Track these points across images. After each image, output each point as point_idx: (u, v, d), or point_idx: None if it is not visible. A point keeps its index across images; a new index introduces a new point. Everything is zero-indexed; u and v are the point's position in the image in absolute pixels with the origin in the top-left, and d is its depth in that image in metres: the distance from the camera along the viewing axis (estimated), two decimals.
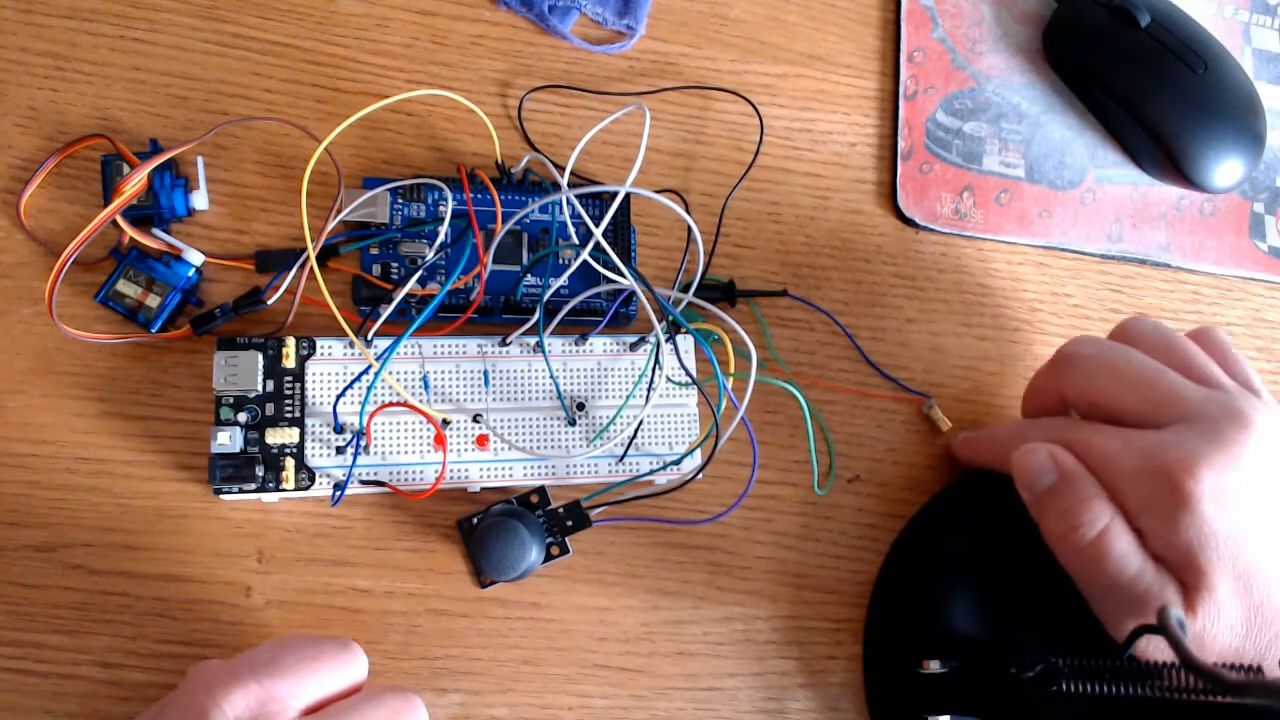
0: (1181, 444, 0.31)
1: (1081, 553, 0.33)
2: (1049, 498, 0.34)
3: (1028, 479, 0.34)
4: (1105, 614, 0.34)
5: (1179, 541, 0.31)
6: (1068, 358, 0.37)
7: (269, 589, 0.36)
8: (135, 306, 0.36)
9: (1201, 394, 0.33)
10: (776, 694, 0.39)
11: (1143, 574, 0.32)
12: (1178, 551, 0.31)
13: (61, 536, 0.35)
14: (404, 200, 0.39)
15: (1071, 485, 0.33)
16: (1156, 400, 0.33)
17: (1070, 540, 0.33)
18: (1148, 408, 0.33)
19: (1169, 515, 0.31)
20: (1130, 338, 0.36)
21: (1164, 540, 0.32)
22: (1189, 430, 0.32)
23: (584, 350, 0.38)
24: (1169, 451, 0.31)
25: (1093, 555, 0.32)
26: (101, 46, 0.39)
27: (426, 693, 0.36)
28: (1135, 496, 0.32)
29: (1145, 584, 0.32)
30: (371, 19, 0.41)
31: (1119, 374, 0.35)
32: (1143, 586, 0.32)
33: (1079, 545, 0.33)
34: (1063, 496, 0.33)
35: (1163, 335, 0.36)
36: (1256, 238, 0.48)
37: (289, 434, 0.35)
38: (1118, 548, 0.32)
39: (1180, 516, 0.31)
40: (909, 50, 0.46)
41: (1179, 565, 0.32)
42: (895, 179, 0.44)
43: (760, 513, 0.40)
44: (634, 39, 0.43)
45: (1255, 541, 0.31)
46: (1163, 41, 0.45)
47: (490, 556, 0.34)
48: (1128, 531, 0.32)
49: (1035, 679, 0.31)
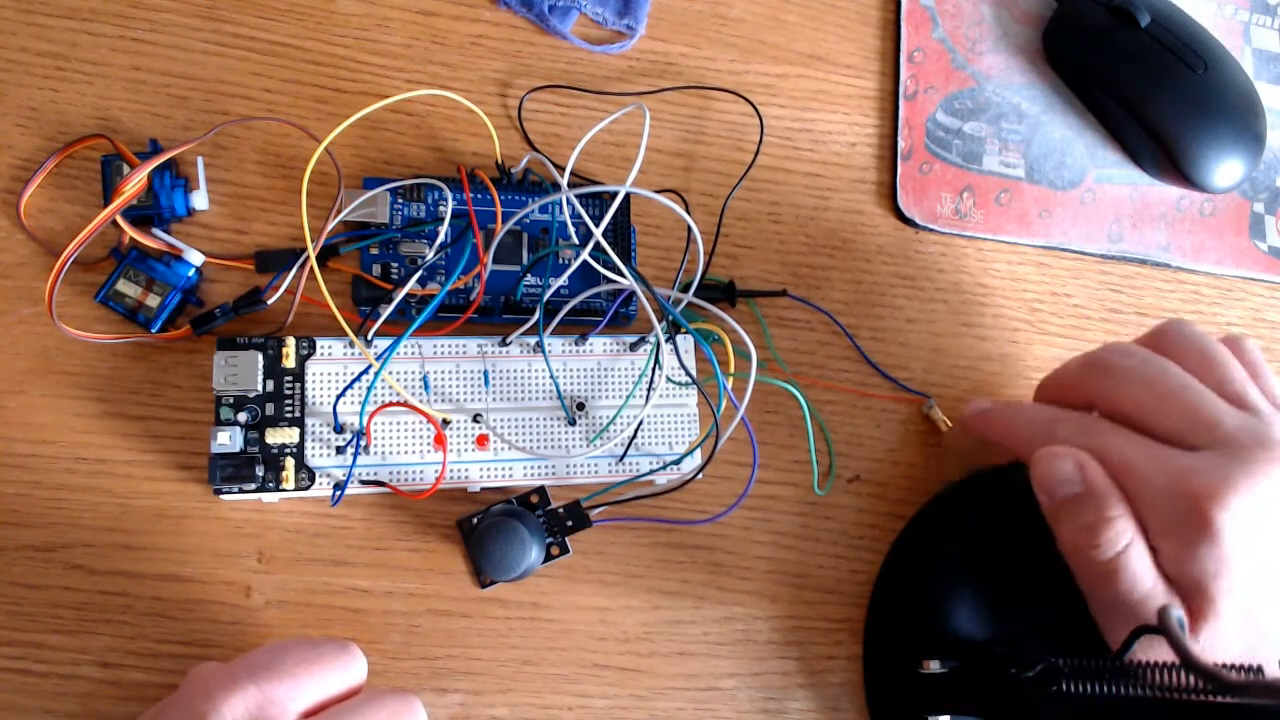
0: (1212, 470, 0.31)
1: (1096, 567, 0.32)
2: (1070, 507, 0.33)
3: (1049, 484, 0.34)
4: (1105, 623, 0.34)
5: (1195, 568, 0.31)
6: (1103, 366, 0.35)
7: (269, 589, 0.36)
8: (135, 306, 0.36)
9: (1237, 419, 0.32)
10: (776, 694, 0.39)
11: (1153, 595, 0.32)
12: (1191, 577, 0.31)
13: (61, 536, 0.35)
14: (404, 200, 0.39)
15: (1096, 501, 0.32)
16: (1192, 421, 0.33)
17: (1087, 554, 0.32)
18: (1182, 428, 0.33)
19: (1190, 541, 0.31)
20: (1167, 345, 0.35)
21: (1179, 564, 0.31)
22: (1221, 457, 0.31)
23: (584, 350, 0.38)
24: (1199, 477, 0.31)
25: (1107, 571, 0.32)
26: (101, 46, 0.39)
27: (426, 693, 0.36)
28: (1158, 517, 0.32)
29: (1154, 605, 0.32)
30: (371, 19, 0.41)
31: (1154, 390, 0.34)
32: (1150, 607, 0.32)
33: (1095, 560, 0.32)
34: (1086, 511, 0.32)
35: (1201, 347, 0.35)
36: (1256, 238, 0.48)
37: (289, 434, 0.35)
38: (1134, 568, 0.32)
39: (1201, 544, 0.30)
40: (909, 50, 0.46)
41: (1189, 589, 0.31)
42: (895, 179, 0.44)
43: (760, 513, 0.40)
44: (634, 39, 0.43)
45: (1270, 575, 0.31)
46: (1163, 41, 0.45)
47: (490, 556, 0.34)
48: (1146, 553, 0.32)
49: (1035, 679, 0.31)
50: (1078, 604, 0.35)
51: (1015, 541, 0.37)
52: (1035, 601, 0.37)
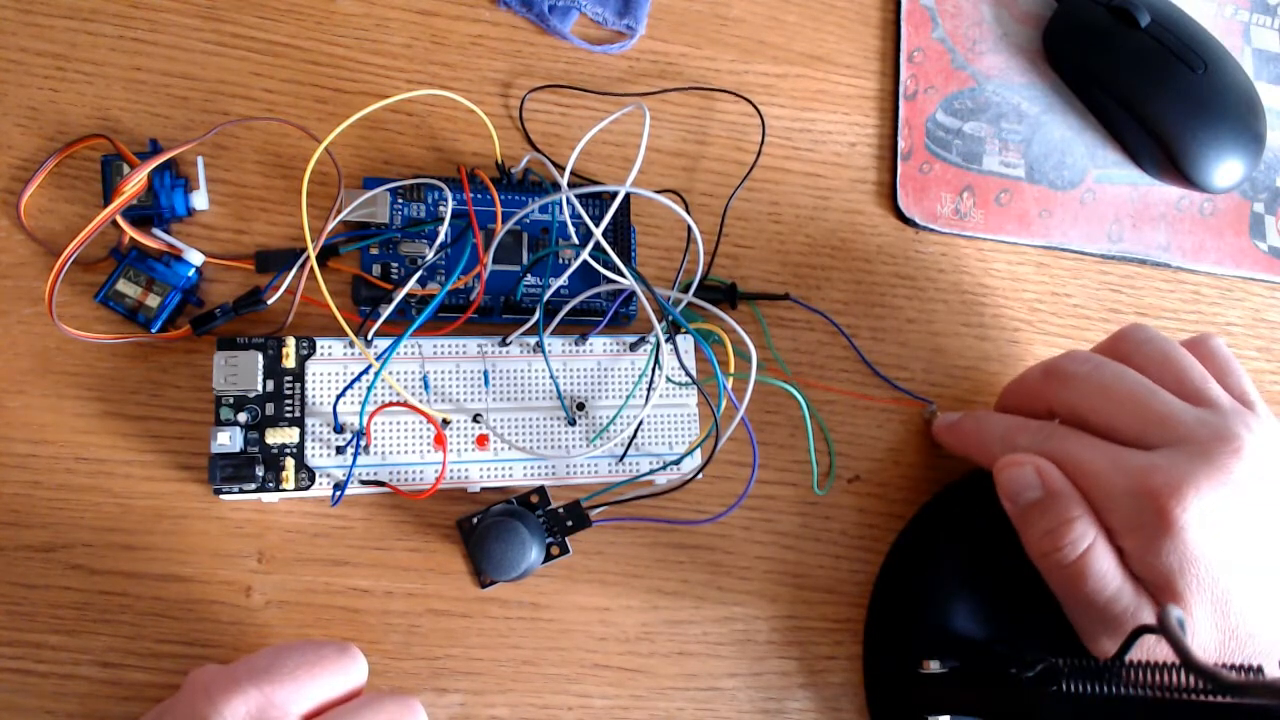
0: (1171, 468, 0.31)
1: (1062, 570, 0.33)
2: (1033, 512, 0.34)
3: (1011, 491, 0.34)
4: (1080, 626, 0.34)
5: (1160, 565, 0.31)
6: (1060, 373, 0.36)
7: (269, 589, 0.36)
8: (135, 306, 0.36)
9: (1193, 415, 0.33)
10: (776, 694, 0.39)
11: (1121, 594, 0.32)
12: (1158, 574, 0.31)
13: (61, 536, 0.35)
14: (404, 200, 0.39)
15: (1057, 503, 0.33)
16: (1148, 421, 0.33)
17: (1052, 558, 0.33)
18: (1139, 428, 0.33)
19: (1152, 539, 0.31)
20: (1125, 349, 0.36)
21: (1145, 562, 0.32)
22: (1179, 453, 0.32)
23: (584, 350, 0.38)
24: (1158, 475, 0.31)
25: (1073, 574, 0.33)
26: (101, 46, 0.39)
27: (426, 693, 0.36)
28: (1120, 517, 0.32)
29: (1123, 605, 0.32)
30: (371, 19, 0.41)
31: (1110, 394, 0.34)
32: (1120, 607, 0.32)
33: (1061, 563, 0.33)
34: (1047, 514, 0.33)
35: (1158, 347, 0.35)
36: (1256, 238, 0.48)
37: (289, 434, 0.35)
38: (1098, 568, 0.32)
39: (1164, 541, 0.31)
40: (909, 50, 0.46)
41: (1158, 587, 0.32)
42: (895, 179, 0.44)
43: (760, 513, 0.40)
44: (634, 39, 0.43)
45: (1236, 567, 0.31)
46: (1163, 41, 0.45)
47: (490, 556, 0.34)
48: (1110, 552, 0.32)
49: (1035, 679, 0.31)
50: None
51: (1015, 541, 0.37)
52: (1035, 601, 0.37)
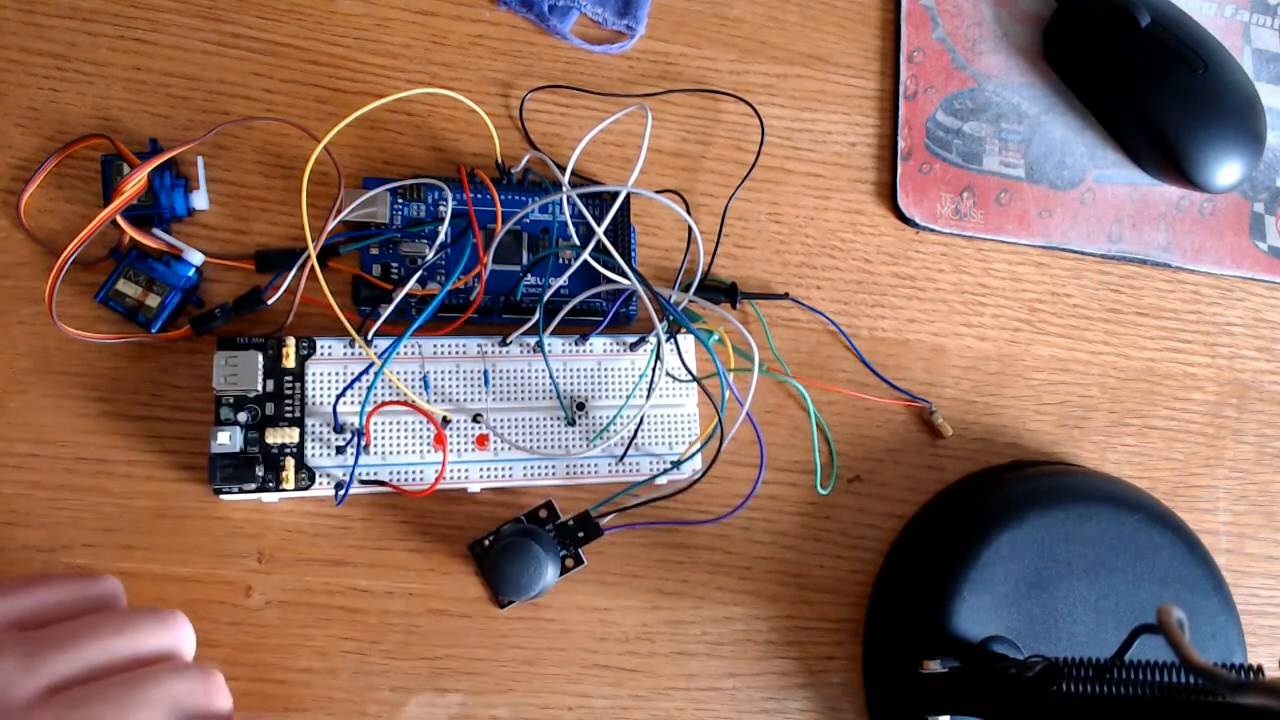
0: None
1: None
2: None
3: None
4: None
5: None
6: None
7: (269, 589, 0.36)
8: (135, 306, 0.36)
9: None
10: (776, 694, 0.39)
11: None
12: None
13: (61, 536, 0.35)
14: (404, 200, 0.39)
15: None
16: None
17: None
18: None
19: None
20: None
21: None
22: None
23: (584, 350, 0.38)
24: None
25: None
26: (101, 46, 0.39)
27: (426, 693, 0.36)
28: None
29: None
30: (371, 19, 0.41)
31: None
32: None
33: None
34: None
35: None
36: (1256, 238, 0.48)
37: (289, 434, 0.35)
38: None
39: None
40: (909, 50, 0.46)
41: None
42: (895, 179, 0.44)
43: (761, 513, 0.40)
44: (634, 39, 0.43)
45: None
46: (1163, 41, 0.45)
47: (508, 579, 0.34)
48: None
49: (1035, 679, 0.31)
50: (1078, 604, 0.35)
51: (1015, 541, 0.37)
52: (1035, 601, 0.37)
